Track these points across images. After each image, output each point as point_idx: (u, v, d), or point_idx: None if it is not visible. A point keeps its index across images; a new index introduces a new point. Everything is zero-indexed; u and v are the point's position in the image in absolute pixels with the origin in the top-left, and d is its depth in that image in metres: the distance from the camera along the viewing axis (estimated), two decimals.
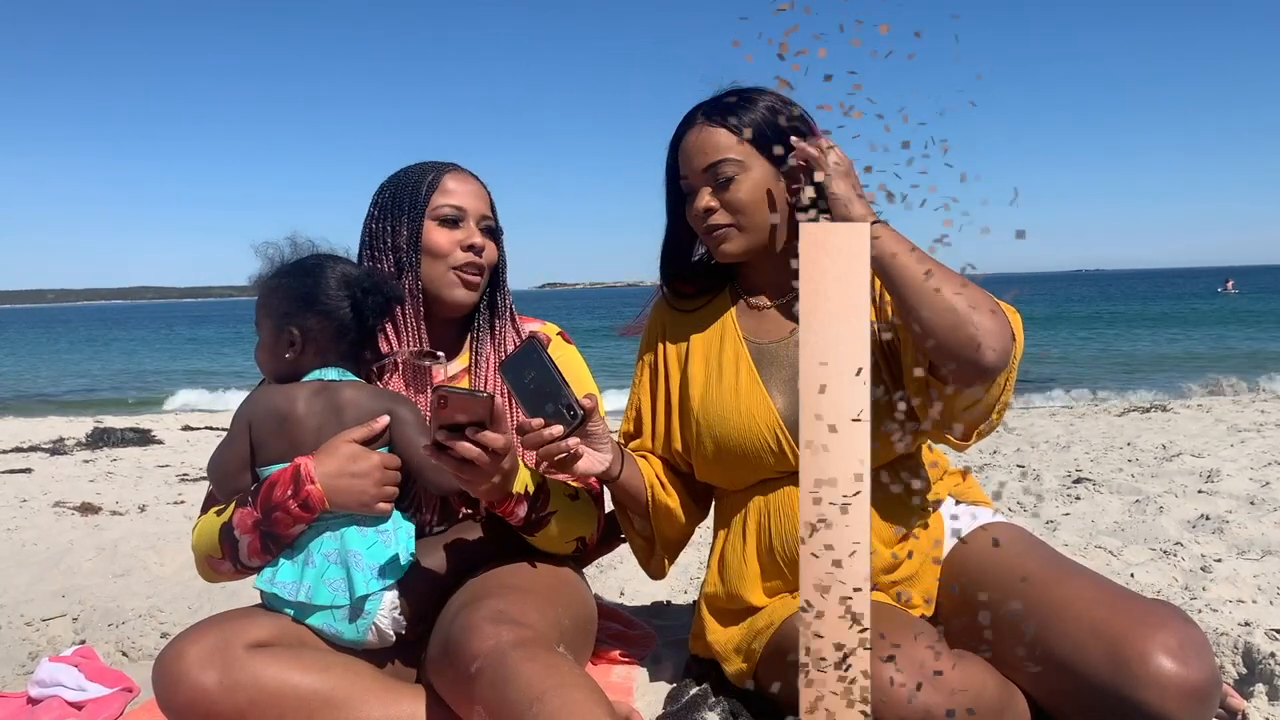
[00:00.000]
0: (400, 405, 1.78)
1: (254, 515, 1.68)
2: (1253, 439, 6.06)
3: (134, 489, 5.61)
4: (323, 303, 1.77)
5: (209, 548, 1.75)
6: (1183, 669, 1.37)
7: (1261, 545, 3.26)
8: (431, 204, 1.86)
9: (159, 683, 1.57)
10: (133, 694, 2.02)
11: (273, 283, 1.82)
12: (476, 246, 1.87)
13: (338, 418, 1.74)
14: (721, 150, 1.74)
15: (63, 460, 6.93)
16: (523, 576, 1.78)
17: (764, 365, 1.82)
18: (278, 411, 1.74)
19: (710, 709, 1.75)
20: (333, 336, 1.79)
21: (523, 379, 1.64)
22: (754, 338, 1.86)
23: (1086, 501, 4.23)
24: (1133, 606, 1.48)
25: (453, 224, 1.87)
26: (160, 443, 7.85)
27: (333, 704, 1.57)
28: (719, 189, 1.75)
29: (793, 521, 1.77)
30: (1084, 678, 1.43)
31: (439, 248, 1.85)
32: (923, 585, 1.76)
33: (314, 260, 1.84)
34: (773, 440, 1.76)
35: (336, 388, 1.77)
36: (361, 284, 1.79)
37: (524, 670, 1.42)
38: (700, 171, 1.75)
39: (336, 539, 1.70)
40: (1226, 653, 2.04)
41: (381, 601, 1.69)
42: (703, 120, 1.78)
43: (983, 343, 1.49)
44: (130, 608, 3.03)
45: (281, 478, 1.67)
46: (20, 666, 2.55)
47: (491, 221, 1.92)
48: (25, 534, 4.29)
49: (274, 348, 1.80)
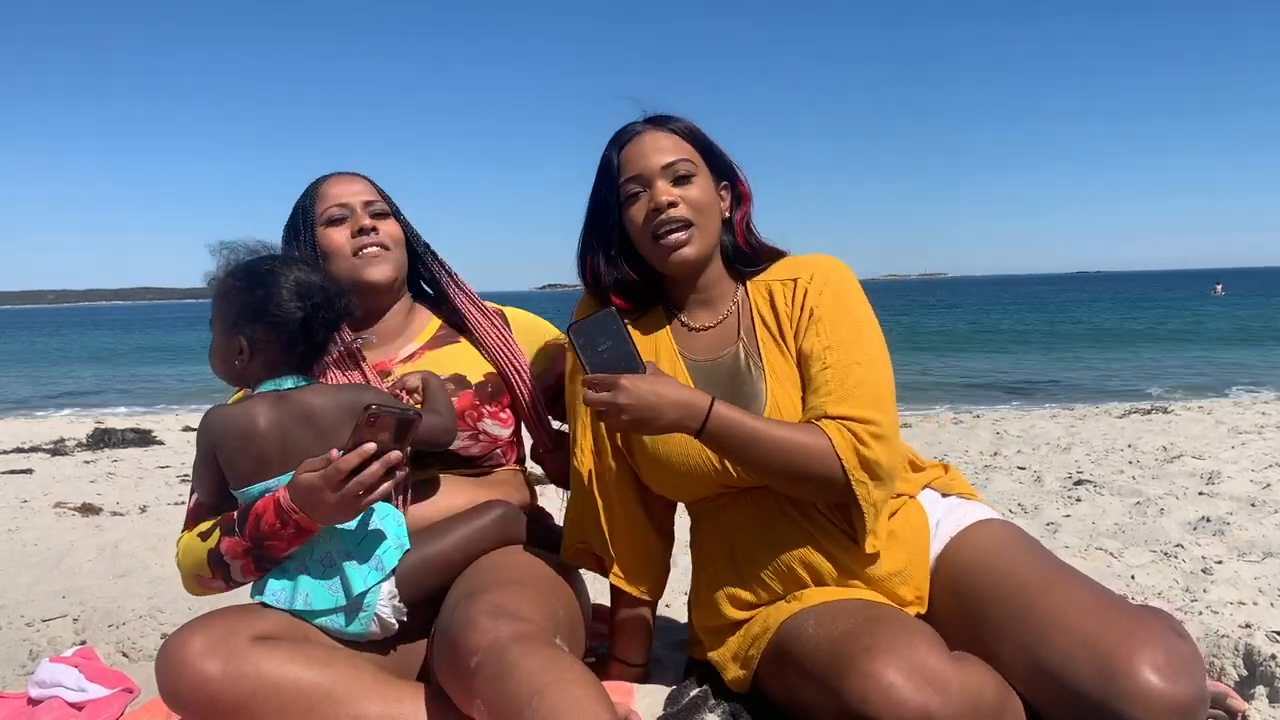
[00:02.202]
0: (366, 393, 1.76)
1: (244, 544, 1.68)
2: (1254, 441, 6.06)
3: (135, 490, 5.61)
4: (273, 314, 1.70)
5: (196, 567, 1.75)
6: (1170, 686, 1.37)
7: (1262, 547, 3.26)
8: (317, 213, 1.99)
9: (162, 671, 1.57)
10: (133, 694, 2.01)
11: (225, 284, 1.76)
12: (365, 227, 1.98)
13: (310, 426, 1.69)
14: (676, 151, 1.80)
15: (64, 461, 6.94)
16: (518, 569, 1.79)
17: (702, 383, 1.81)
18: (239, 431, 1.69)
19: (711, 710, 1.75)
20: (282, 348, 1.74)
21: (595, 345, 1.63)
22: (690, 354, 1.86)
23: (1087, 503, 4.23)
24: (1123, 620, 1.48)
25: (339, 222, 1.99)
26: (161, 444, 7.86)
27: (334, 698, 1.57)
28: (677, 185, 1.78)
29: (756, 536, 1.77)
30: (1072, 689, 1.43)
31: (335, 246, 1.97)
32: (914, 582, 1.76)
33: (268, 265, 1.76)
34: (715, 457, 1.73)
35: (298, 396, 1.72)
36: (314, 296, 1.74)
37: (523, 664, 1.42)
38: (659, 168, 1.77)
39: (327, 542, 1.70)
40: (1227, 654, 2.04)
41: (380, 593, 1.69)
42: (649, 127, 1.83)
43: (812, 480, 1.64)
44: (131, 608, 3.03)
45: (266, 510, 1.65)
46: (21, 667, 2.56)
47: (379, 205, 2.03)
48: (26, 534, 4.30)
49: (224, 354, 1.76)
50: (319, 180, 2.05)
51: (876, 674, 1.39)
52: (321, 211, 1.99)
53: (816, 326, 1.76)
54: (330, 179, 2.05)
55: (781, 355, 1.79)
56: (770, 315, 1.83)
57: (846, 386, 1.67)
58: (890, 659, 1.41)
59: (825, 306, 1.77)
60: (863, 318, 1.78)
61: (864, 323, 1.78)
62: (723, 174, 1.87)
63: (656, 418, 1.60)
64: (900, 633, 1.48)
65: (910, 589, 1.75)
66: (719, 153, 1.87)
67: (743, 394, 1.77)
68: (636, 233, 1.80)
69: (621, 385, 1.57)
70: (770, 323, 1.82)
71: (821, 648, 1.53)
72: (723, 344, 1.85)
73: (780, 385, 1.76)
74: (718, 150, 1.87)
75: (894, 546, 1.75)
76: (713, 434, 1.62)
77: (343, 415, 1.70)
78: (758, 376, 1.78)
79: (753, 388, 1.78)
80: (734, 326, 1.85)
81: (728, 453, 1.67)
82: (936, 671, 1.40)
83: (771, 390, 1.76)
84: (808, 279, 1.81)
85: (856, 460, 1.62)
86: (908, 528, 1.79)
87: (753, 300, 1.86)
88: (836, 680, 1.44)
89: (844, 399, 1.66)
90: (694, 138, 1.83)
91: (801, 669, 1.56)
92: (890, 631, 1.48)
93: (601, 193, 1.84)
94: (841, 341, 1.73)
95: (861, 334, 1.75)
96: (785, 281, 1.84)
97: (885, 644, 1.44)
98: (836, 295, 1.79)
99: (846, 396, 1.67)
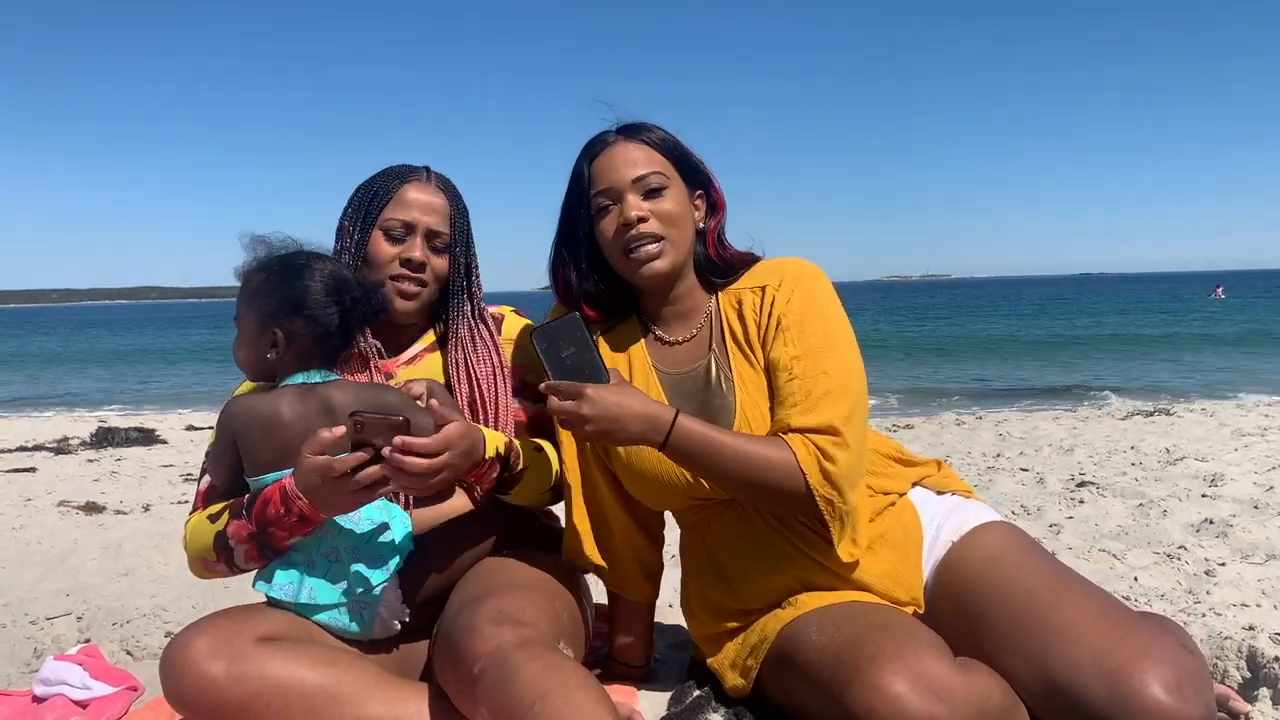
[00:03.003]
0: (388, 394, 1.76)
1: (249, 528, 1.68)
2: (1257, 443, 6.05)
3: (138, 489, 5.62)
4: (310, 307, 1.71)
5: (202, 550, 1.76)
6: (1179, 704, 1.37)
7: (1266, 549, 3.25)
8: (382, 216, 1.89)
9: (166, 672, 1.58)
10: (137, 693, 2.02)
11: (259, 277, 1.76)
12: (414, 262, 1.88)
13: (330, 420, 1.69)
14: (648, 163, 1.77)
15: (67, 460, 6.95)
16: (521, 572, 1.79)
17: (674, 396, 1.80)
18: (261, 420, 1.70)
19: (714, 711, 1.75)
20: (316, 341, 1.74)
21: (559, 350, 1.62)
22: (663, 367, 1.85)
23: (1090, 505, 4.22)
24: (1134, 634, 1.47)
25: (397, 239, 1.89)
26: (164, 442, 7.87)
27: (337, 699, 1.58)
28: (649, 198, 1.75)
29: (741, 548, 1.77)
30: (1080, 703, 1.42)
31: (379, 258, 1.88)
32: (906, 583, 1.74)
33: (303, 259, 1.77)
34: (685, 472, 1.72)
35: (323, 390, 1.73)
36: (351, 291, 1.75)
37: (526, 670, 1.43)
38: (630, 181, 1.75)
39: (334, 537, 1.71)
40: (1230, 656, 2.04)
41: (384, 594, 1.70)
42: (621, 138, 1.79)
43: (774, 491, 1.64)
44: (134, 607, 3.04)
45: (273, 496, 1.66)
46: (25, 665, 2.56)
47: (444, 239, 1.92)
48: (30, 533, 4.30)
49: (255, 346, 1.75)
50: (406, 176, 1.93)
51: (883, 685, 1.38)
52: (386, 218, 1.89)
53: (784, 335, 1.73)
54: (414, 185, 1.92)
55: (750, 366, 1.77)
56: (738, 325, 1.81)
57: (812, 398, 1.66)
58: (896, 668, 1.40)
59: (794, 314, 1.74)
60: (834, 325, 1.75)
61: (834, 328, 1.74)
62: (696, 183, 1.84)
63: (620, 429, 1.59)
64: (906, 641, 1.47)
65: (904, 590, 1.73)
66: (694, 162, 1.84)
67: (713, 407, 1.76)
68: (607, 246, 1.78)
69: (586, 395, 1.57)
70: (739, 333, 1.80)
71: (826, 655, 1.53)
72: (695, 356, 1.83)
73: (749, 397, 1.75)
74: (693, 159, 1.83)
75: (882, 549, 1.74)
76: (676, 447, 1.62)
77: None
78: (728, 389, 1.77)
79: (723, 400, 1.76)
80: (706, 339, 1.83)
81: (693, 466, 1.66)
82: (943, 681, 1.39)
83: (741, 403, 1.75)
84: (775, 285, 1.78)
85: (820, 475, 1.61)
86: (897, 529, 1.78)
87: (723, 311, 1.84)
88: (841, 690, 1.43)
89: (809, 410, 1.65)
90: (666, 148, 1.80)
91: (805, 676, 1.56)
92: (895, 640, 1.47)
93: (573, 204, 1.82)
94: (809, 350, 1.70)
95: (830, 341, 1.72)
96: (754, 289, 1.81)
97: (891, 652, 1.43)
98: (805, 301, 1.75)
99: (811, 408, 1.65)
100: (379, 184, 1.92)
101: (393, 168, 1.96)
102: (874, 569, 1.73)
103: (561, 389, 1.59)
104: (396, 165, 1.97)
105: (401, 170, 1.95)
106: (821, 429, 1.63)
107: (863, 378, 1.73)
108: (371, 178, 1.95)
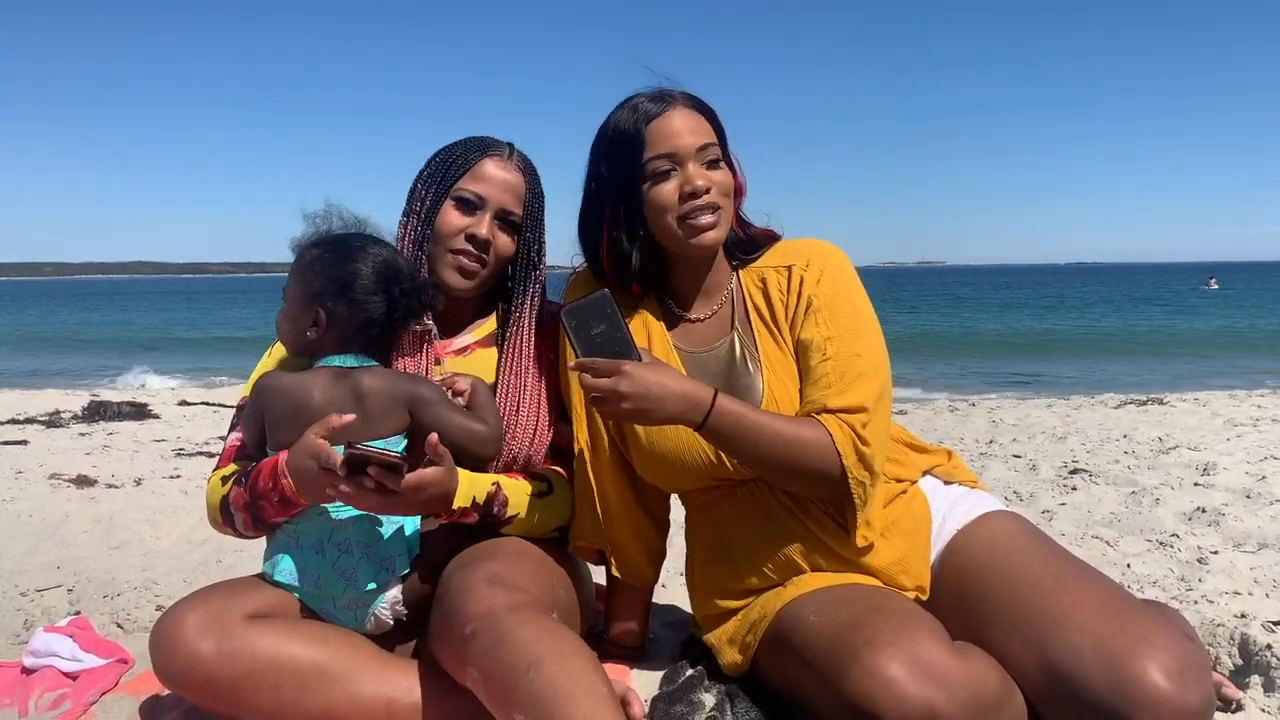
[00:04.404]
0: (423, 387, 1.73)
1: (245, 498, 1.69)
2: (1249, 433, 6.07)
3: (130, 463, 5.59)
4: (357, 292, 1.70)
5: (213, 510, 1.77)
6: (1180, 692, 1.36)
7: (1258, 538, 3.27)
8: (456, 185, 1.85)
9: (156, 649, 1.57)
10: (127, 665, 2.01)
11: (313, 253, 1.75)
12: (479, 239, 1.84)
13: (359, 406, 1.67)
14: (708, 133, 1.74)
15: (59, 433, 6.92)
16: (519, 544, 1.78)
17: (695, 375, 1.76)
18: (292, 400, 1.69)
19: (706, 690, 1.75)
20: (358, 327, 1.72)
21: (588, 329, 1.58)
22: (684, 345, 1.82)
23: (1083, 492, 4.24)
24: (1136, 621, 1.46)
25: (469, 209, 1.85)
26: (157, 417, 7.83)
27: (328, 676, 1.57)
28: (710, 168, 1.72)
29: (751, 529, 1.75)
30: (1081, 689, 1.41)
31: (446, 228, 1.84)
32: (914, 571, 1.73)
33: (359, 241, 1.75)
34: (710, 450, 1.71)
35: (357, 375, 1.70)
36: (400, 282, 1.73)
37: (519, 634, 1.41)
38: (694, 150, 1.70)
39: (347, 529, 1.69)
40: (1222, 644, 2.04)
41: (385, 595, 1.69)
42: (684, 103, 1.74)
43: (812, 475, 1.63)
44: (126, 580, 3.03)
45: (265, 468, 1.65)
46: (15, 636, 2.55)
47: (515, 217, 1.88)
48: (21, 505, 4.28)
49: (298, 321, 1.74)
50: (487, 149, 1.88)
51: (879, 669, 1.37)
52: (461, 187, 1.84)
53: (816, 316, 1.72)
54: (494, 159, 1.87)
55: (777, 346, 1.76)
56: (764, 305, 1.79)
57: (846, 379, 1.65)
58: (893, 652, 1.39)
59: (825, 296, 1.73)
60: (862, 307, 1.75)
61: (864, 313, 1.75)
62: (728, 161, 1.82)
63: (658, 408, 1.55)
64: (903, 624, 1.46)
65: (910, 578, 1.73)
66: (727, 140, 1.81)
67: (738, 386, 1.74)
68: (659, 211, 1.71)
69: (625, 371, 1.53)
70: (765, 312, 1.79)
71: (823, 638, 1.52)
72: (717, 335, 1.81)
73: (776, 377, 1.73)
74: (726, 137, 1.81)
75: (894, 536, 1.74)
76: (714, 428, 1.59)
77: (392, 403, 1.69)
78: (754, 369, 1.75)
79: (749, 380, 1.75)
80: (728, 317, 1.81)
81: (728, 446, 1.64)
82: (940, 665, 1.38)
83: (768, 382, 1.73)
84: (803, 266, 1.77)
85: (855, 457, 1.61)
86: (908, 517, 1.77)
87: (746, 289, 1.82)
88: (838, 673, 1.42)
89: (844, 391, 1.64)
90: (716, 122, 1.78)
91: (802, 658, 1.55)
92: (893, 623, 1.46)
93: (621, 164, 1.73)
94: (843, 332, 1.70)
95: (861, 324, 1.72)
96: (779, 269, 1.80)
97: (887, 636, 1.42)
98: (835, 284, 1.75)
99: (846, 389, 1.64)
100: (458, 153, 1.88)
101: (475, 138, 1.92)
102: (885, 556, 1.72)
103: (599, 366, 1.55)
104: (479, 136, 1.93)
105: (484, 142, 1.90)
106: (855, 409, 1.63)
107: (888, 361, 1.73)
108: (451, 145, 1.91)
